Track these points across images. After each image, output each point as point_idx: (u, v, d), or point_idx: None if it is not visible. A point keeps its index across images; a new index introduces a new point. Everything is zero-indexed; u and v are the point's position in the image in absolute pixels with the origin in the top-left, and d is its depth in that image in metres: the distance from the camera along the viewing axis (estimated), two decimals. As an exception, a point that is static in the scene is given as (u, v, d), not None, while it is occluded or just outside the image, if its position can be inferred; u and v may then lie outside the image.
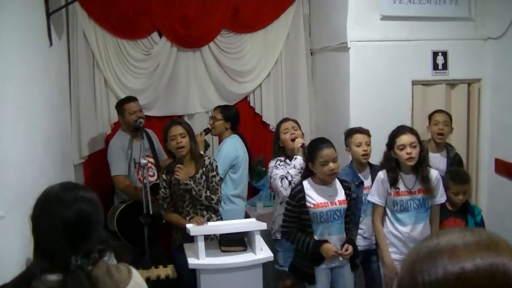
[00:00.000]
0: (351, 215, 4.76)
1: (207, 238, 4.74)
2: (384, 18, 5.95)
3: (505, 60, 5.95)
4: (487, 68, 6.20)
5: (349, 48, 5.90)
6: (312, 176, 4.67)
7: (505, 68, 5.96)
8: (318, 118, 7.08)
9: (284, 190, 5.05)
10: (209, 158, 5.22)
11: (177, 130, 5.06)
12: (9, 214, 3.12)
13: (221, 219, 5.31)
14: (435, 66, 6.12)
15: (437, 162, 5.40)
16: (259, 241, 4.62)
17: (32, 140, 3.99)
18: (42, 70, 4.58)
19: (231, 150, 5.75)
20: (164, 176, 5.18)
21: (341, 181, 4.71)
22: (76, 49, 6.16)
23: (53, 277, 2.16)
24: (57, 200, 2.27)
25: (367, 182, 5.11)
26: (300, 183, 4.69)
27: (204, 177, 5.11)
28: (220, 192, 5.19)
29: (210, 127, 6.07)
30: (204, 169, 5.12)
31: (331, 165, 4.48)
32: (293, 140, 5.19)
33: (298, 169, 5.04)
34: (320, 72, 6.92)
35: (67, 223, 2.21)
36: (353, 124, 5.75)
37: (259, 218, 5.39)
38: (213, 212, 5.20)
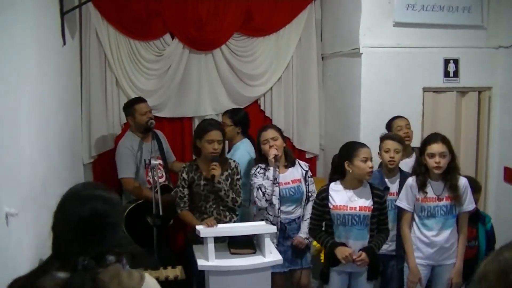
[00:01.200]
0: (377, 223, 4.72)
1: (217, 240, 4.74)
2: (397, 24, 5.96)
3: (517, 69, 5.96)
4: (498, 76, 6.21)
5: (361, 54, 5.91)
6: (341, 179, 4.72)
7: (516, 77, 5.97)
8: (328, 123, 7.08)
9: (259, 200, 5.12)
10: (234, 161, 5.30)
11: (217, 135, 5.11)
12: (21, 211, 3.13)
13: (240, 220, 5.38)
14: (446, 74, 6.13)
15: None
16: (268, 244, 4.62)
17: (44, 139, 4.00)
18: (55, 69, 4.60)
19: (245, 156, 5.73)
20: (184, 175, 5.19)
21: (373, 188, 4.73)
22: (89, 49, 6.18)
23: (62, 275, 2.16)
24: (75, 197, 2.30)
25: (393, 188, 5.13)
26: (327, 184, 4.79)
27: (229, 179, 5.17)
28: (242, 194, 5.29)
29: None
30: (229, 171, 5.19)
31: (370, 163, 4.56)
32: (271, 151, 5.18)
33: (271, 180, 5.09)
34: (331, 77, 6.92)
35: (80, 220, 2.22)
36: (363, 129, 5.79)
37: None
38: (234, 213, 5.28)
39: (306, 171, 5.31)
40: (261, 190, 5.08)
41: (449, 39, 6.12)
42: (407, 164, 5.33)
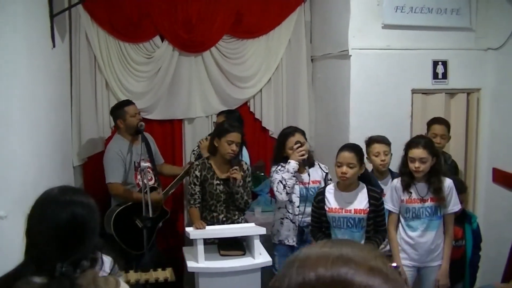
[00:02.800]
0: (373, 225, 4.75)
1: (207, 242, 4.76)
2: (386, 26, 5.97)
3: (505, 71, 5.99)
4: (487, 78, 6.23)
5: (350, 56, 5.92)
6: (337, 181, 4.77)
7: (505, 78, 6.00)
8: (318, 124, 7.09)
9: (279, 194, 5.12)
10: (246, 163, 5.35)
11: (238, 138, 5.15)
12: (11, 214, 3.14)
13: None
14: (435, 75, 6.15)
15: None
16: (258, 245, 4.65)
17: (34, 141, 4.01)
18: (44, 71, 4.60)
19: (246, 156, 5.77)
20: (197, 172, 5.22)
21: (370, 190, 4.75)
22: (78, 51, 6.18)
23: (38, 280, 2.15)
24: (53, 202, 2.27)
25: (386, 190, 5.13)
26: (324, 186, 4.86)
27: (242, 182, 5.19)
28: None
29: None
30: (243, 173, 5.22)
31: (344, 168, 4.53)
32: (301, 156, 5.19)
33: (292, 173, 5.08)
34: (321, 79, 6.94)
35: (59, 226, 2.20)
36: (353, 131, 5.80)
37: (257, 223, 5.42)
38: (243, 213, 5.37)
39: (326, 173, 5.36)
40: (281, 183, 5.10)
41: (437, 41, 6.14)
42: None
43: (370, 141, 5.23)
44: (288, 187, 5.07)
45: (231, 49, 6.77)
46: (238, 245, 4.79)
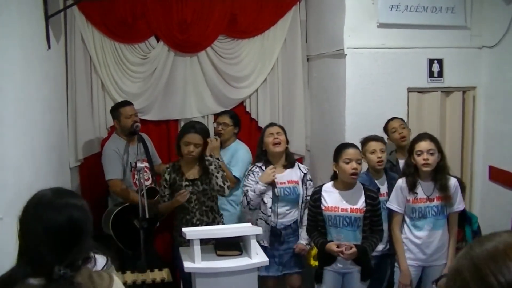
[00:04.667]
0: (369, 224, 4.75)
1: (203, 242, 4.76)
2: (381, 25, 5.98)
3: (500, 69, 6.00)
4: (482, 76, 6.24)
5: (346, 55, 5.92)
6: (334, 180, 4.76)
7: (500, 76, 6.01)
8: (314, 124, 7.09)
9: (243, 205, 5.35)
10: (211, 156, 5.42)
11: (194, 139, 5.21)
12: (6, 216, 3.13)
13: (223, 221, 5.46)
14: (431, 74, 6.15)
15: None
16: (254, 245, 4.64)
17: (30, 142, 4.00)
18: (40, 73, 4.60)
19: (248, 154, 5.84)
20: (166, 175, 5.29)
21: (366, 190, 4.75)
22: (74, 53, 6.17)
23: (35, 282, 2.15)
24: (49, 204, 2.25)
25: (383, 189, 5.15)
26: (320, 185, 4.84)
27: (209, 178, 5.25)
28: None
29: (219, 133, 6.06)
30: (212, 168, 5.29)
31: (354, 164, 4.56)
32: (274, 144, 5.24)
33: (257, 194, 5.17)
34: (316, 78, 6.94)
35: (55, 229, 2.19)
36: (348, 130, 5.80)
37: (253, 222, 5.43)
38: (217, 213, 5.36)
39: (305, 174, 5.35)
40: (246, 198, 5.20)
41: (433, 40, 6.15)
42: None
43: (366, 140, 5.23)
44: (252, 205, 5.21)
45: (227, 49, 6.76)
46: (235, 245, 4.79)
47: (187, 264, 4.51)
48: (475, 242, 1.26)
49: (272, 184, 5.18)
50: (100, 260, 2.43)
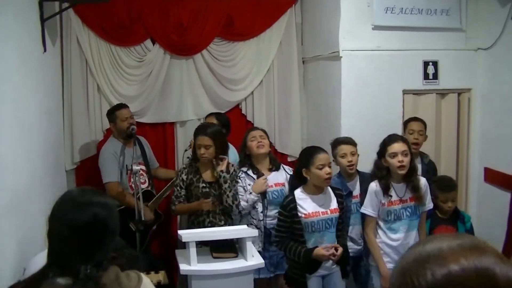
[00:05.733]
0: (343, 223, 4.78)
1: (199, 244, 4.77)
2: (376, 28, 6.00)
3: (495, 70, 6.02)
4: (477, 78, 6.26)
5: (341, 57, 5.94)
6: (303, 185, 4.70)
7: (495, 78, 6.03)
8: (310, 126, 7.10)
9: (233, 215, 5.31)
10: (232, 165, 5.32)
11: (203, 140, 5.16)
12: (3, 218, 3.14)
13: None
14: (426, 76, 6.17)
15: None
16: (250, 247, 4.64)
17: (26, 145, 4.00)
18: (35, 76, 4.60)
19: (233, 158, 5.76)
20: (183, 176, 5.26)
21: (333, 189, 4.75)
22: (70, 55, 6.18)
23: (62, 281, 2.15)
24: (72, 203, 2.27)
25: (355, 191, 5.16)
26: (292, 193, 4.73)
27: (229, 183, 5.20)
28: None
29: None
30: (229, 175, 5.21)
31: (327, 169, 4.53)
32: (258, 147, 5.27)
33: (250, 204, 5.22)
34: (312, 80, 6.95)
35: (79, 227, 2.19)
36: (344, 132, 5.80)
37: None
38: (228, 216, 5.30)
39: (291, 175, 5.32)
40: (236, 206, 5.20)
41: (428, 42, 6.17)
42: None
43: (336, 143, 5.23)
44: (242, 213, 5.26)
45: (222, 52, 6.78)
46: (231, 247, 4.79)
47: (183, 267, 4.51)
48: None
49: (263, 193, 5.21)
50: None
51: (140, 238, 5.14)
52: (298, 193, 4.70)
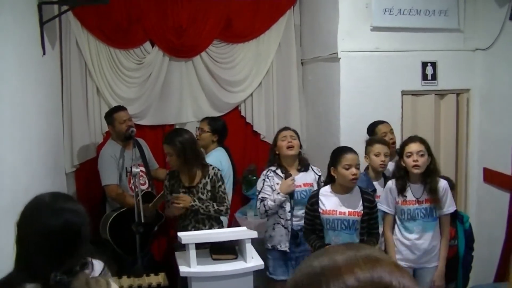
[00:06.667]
0: (367, 227, 4.74)
1: (198, 246, 4.77)
2: (375, 29, 6.01)
3: (493, 71, 6.02)
4: (476, 78, 6.26)
5: (340, 58, 5.95)
6: (331, 184, 4.74)
7: (493, 78, 6.03)
8: (309, 127, 7.11)
9: (259, 213, 5.34)
10: (213, 168, 5.26)
11: (165, 149, 5.15)
12: (3, 220, 3.14)
13: (222, 227, 5.37)
14: (425, 77, 6.18)
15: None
16: (249, 249, 4.65)
17: (26, 148, 4.02)
18: (35, 79, 4.61)
19: (215, 164, 5.71)
20: (166, 182, 5.27)
21: (363, 193, 4.75)
22: (69, 58, 6.19)
23: (31, 287, 2.15)
24: (44, 208, 2.26)
25: (380, 191, 5.15)
26: (318, 189, 4.85)
27: (208, 188, 5.16)
28: (228, 200, 5.29)
29: (197, 138, 5.91)
30: (208, 179, 5.17)
31: (354, 169, 4.54)
32: (288, 147, 5.25)
33: (277, 204, 5.17)
34: (311, 82, 6.96)
35: (50, 233, 2.19)
36: (343, 133, 5.82)
37: (250, 226, 5.44)
38: (215, 220, 5.26)
39: (319, 176, 5.36)
40: (264, 206, 5.20)
41: (426, 43, 6.17)
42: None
43: (372, 141, 5.25)
44: (269, 214, 5.23)
45: (222, 54, 6.79)
46: (230, 249, 4.79)
47: (183, 269, 4.51)
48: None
49: (290, 193, 5.21)
50: (98, 266, 2.43)
51: (142, 239, 5.14)
52: (325, 189, 4.76)
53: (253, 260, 4.65)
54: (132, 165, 5.21)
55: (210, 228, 5.18)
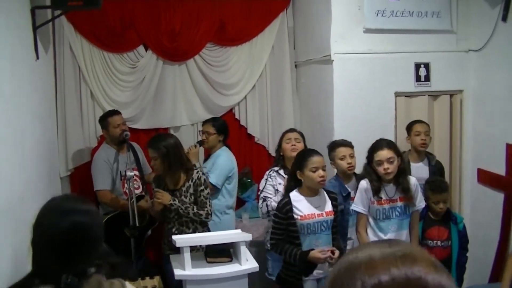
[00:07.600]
0: (337, 226, 4.77)
1: (193, 249, 4.77)
2: (367, 31, 6.02)
3: (486, 72, 6.04)
4: (469, 79, 6.28)
5: (333, 60, 5.96)
6: (298, 187, 4.69)
7: (486, 79, 6.05)
8: (303, 129, 7.00)
9: (261, 213, 5.32)
10: (197, 171, 5.22)
11: (150, 153, 5.13)
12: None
13: (208, 230, 5.33)
14: (418, 78, 6.19)
15: (420, 171, 5.48)
16: (244, 252, 4.65)
17: (20, 153, 4.00)
18: (28, 84, 4.60)
19: (228, 162, 5.76)
20: (153, 185, 5.27)
21: (328, 192, 4.73)
22: (63, 63, 6.20)
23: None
24: (53, 210, 2.26)
25: (353, 193, 5.14)
26: (287, 195, 4.69)
27: (191, 191, 5.12)
28: (210, 205, 5.16)
29: (203, 141, 5.98)
30: (192, 182, 5.14)
31: (321, 172, 4.51)
32: (292, 150, 5.26)
33: (277, 189, 5.22)
34: (305, 84, 6.98)
35: (58, 235, 2.17)
36: (337, 135, 5.80)
37: (245, 229, 5.44)
38: (199, 223, 5.21)
39: (287, 178, 5.34)
40: (266, 206, 5.21)
41: (419, 44, 6.19)
42: (419, 168, 5.52)
43: (334, 146, 5.24)
44: (270, 215, 5.18)
45: (215, 57, 6.81)
46: (225, 252, 4.80)
47: (178, 272, 4.52)
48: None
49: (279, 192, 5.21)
50: None
51: (136, 243, 5.14)
52: (294, 194, 4.66)
53: (247, 263, 4.66)
54: (126, 169, 5.21)
55: (194, 231, 5.13)
